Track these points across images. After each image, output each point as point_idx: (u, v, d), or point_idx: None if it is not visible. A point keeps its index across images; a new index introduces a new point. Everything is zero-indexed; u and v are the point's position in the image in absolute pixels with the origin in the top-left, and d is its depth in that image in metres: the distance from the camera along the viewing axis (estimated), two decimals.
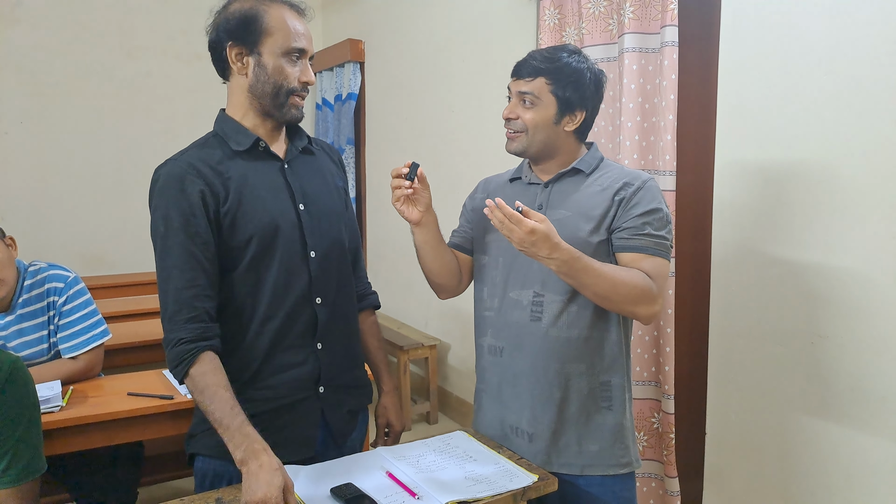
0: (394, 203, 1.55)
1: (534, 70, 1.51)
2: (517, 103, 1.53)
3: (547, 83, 1.50)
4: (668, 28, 2.30)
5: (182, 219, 1.39)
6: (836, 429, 1.97)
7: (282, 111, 1.47)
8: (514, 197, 1.61)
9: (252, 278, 1.46)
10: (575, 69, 1.50)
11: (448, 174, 3.90)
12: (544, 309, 1.51)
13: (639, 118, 2.46)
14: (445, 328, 4.10)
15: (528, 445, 1.54)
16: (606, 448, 1.52)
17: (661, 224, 1.48)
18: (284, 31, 1.43)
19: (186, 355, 1.36)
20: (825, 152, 1.95)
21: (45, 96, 4.70)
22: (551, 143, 1.54)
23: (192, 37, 5.04)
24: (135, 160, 4.93)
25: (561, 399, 1.51)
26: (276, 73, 1.44)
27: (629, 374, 1.58)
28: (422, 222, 1.56)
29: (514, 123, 1.54)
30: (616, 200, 1.49)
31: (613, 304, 1.44)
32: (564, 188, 1.55)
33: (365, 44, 4.82)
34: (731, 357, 2.25)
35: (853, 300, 1.91)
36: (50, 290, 2.17)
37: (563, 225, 1.47)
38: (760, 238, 2.14)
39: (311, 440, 1.52)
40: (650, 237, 1.46)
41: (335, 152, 1.73)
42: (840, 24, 1.90)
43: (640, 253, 1.46)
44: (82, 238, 4.85)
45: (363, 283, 1.78)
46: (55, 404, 1.92)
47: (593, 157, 1.57)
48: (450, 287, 1.72)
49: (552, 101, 1.50)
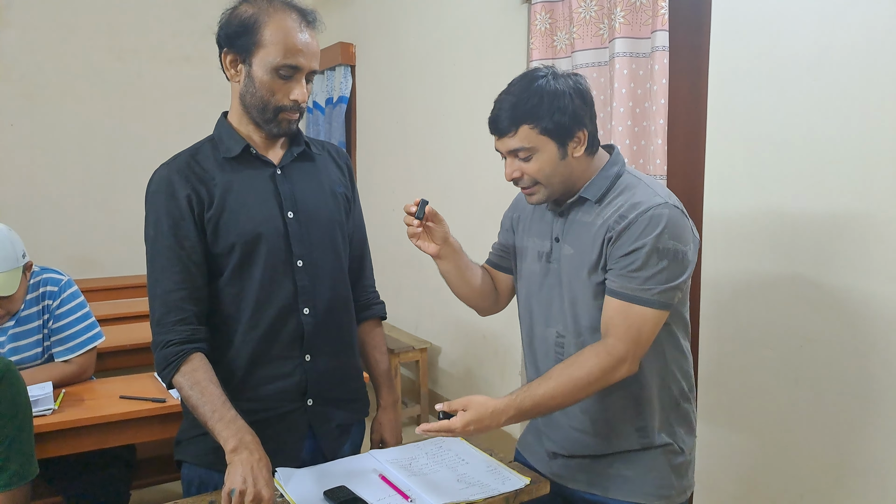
0: (410, 239, 1.50)
1: (511, 121, 1.35)
2: (513, 160, 1.39)
3: (531, 128, 1.34)
4: (659, 33, 2.32)
5: (171, 223, 1.39)
6: (825, 432, 1.99)
7: (269, 126, 1.44)
8: (537, 221, 1.54)
9: (236, 287, 1.44)
10: (552, 93, 1.33)
11: (439, 179, 3.92)
12: (565, 351, 1.44)
13: (629, 122, 2.47)
14: (436, 331, 4.11)
15: (566, 462, 1.50)
16: (639, 476, 1.42)
17: (643, 262, 1.30)
18: (279, 46, 1.37)
19: (175, 357, 1.35)
20: (815, 157, 1.97)
21: (36, 99, 4.69)
22: (570, 177, 1.40)
23: (181, 39, 5.03)
24: (125, 162, 4.93)
25: (592, 437, 1.44)
26: (263, 88, 1.39)
27: (676, 413, 1.45)
28: (441, 254, 1.51)
29: (523, 181, 1.41)
30: (605, 240, 1.35)
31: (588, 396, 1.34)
32: (578, 218, 1.43)
33: (356, 47, 4.83)
34: (721, 361, 2.26)
35: (841, 304, 1.93)
36: (44, 293, 2.16)
37: (570, 264, 1.41)
38: (750, 242, 2.15)
39: (297, 453, 1.50)
40: (621, 279, 1.32)
41: (343, 157, 1.67)
42: (829, 30, 1.92)
43: (616, 299, 1.33)
44: (73, 240, 4.84)
45: (368, 293, 1.72)
46: (47, 406, 1.91)
47: (605, 178, 1.41)
48: (484, 307, 1.67)
49: (546, 141, 1.35)
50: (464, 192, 3.66)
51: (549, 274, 1.48)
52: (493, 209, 1.82)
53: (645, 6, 2.43)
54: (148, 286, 1.42)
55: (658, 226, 1.30)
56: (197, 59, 4.95)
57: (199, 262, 1.41)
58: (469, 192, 3.62)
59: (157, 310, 1.39)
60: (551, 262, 1.47)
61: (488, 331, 3.58)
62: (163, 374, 1.38)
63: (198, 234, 1.41)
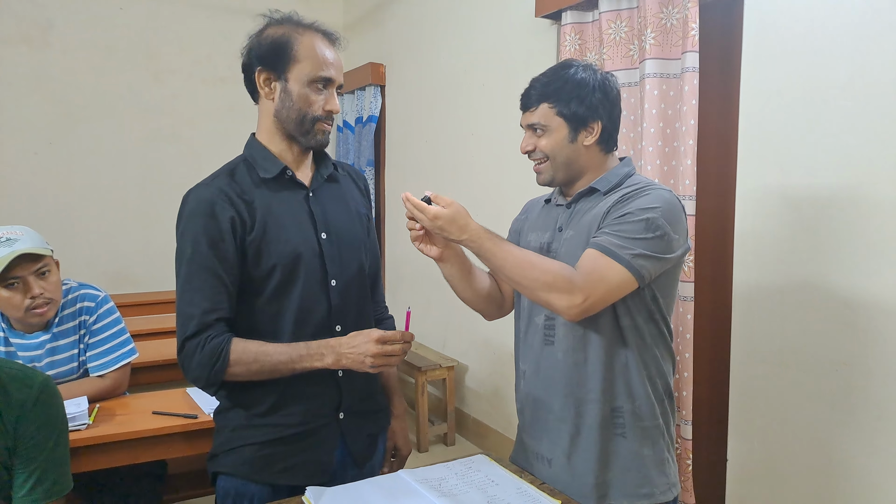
0: (413, 243, 1.54)
1: (535, 98, 1.50)
2: (530, 135, 1.53)
3: (550, 107, 1.48)
4: (689, 54, 2.31)
5: (210, 242, 1.41)
6: (861, 458, 1.95)
7: (307, 137, 1.49)
8: (542, 217, 1.62)
9: (274, 307, 1.48)
10: (576, 82, 1.47)
11: (467, 199, 3.92)
12: (556, 332, 1.50)
13: (660, 143, 2.47)
14: (463, 349, 4.11)
15: (549, 471, 1.53)
16: (618, 476, 1.47)
17: (631, 227, 1.37)
18: (313, 60, 1.45)
19: (220, 347, 1.39)
20: (848, 177, 1.95)
21: (74, 118, 4.81)
22: (574, 162, 1.50)
23: (216, 60, 5.15)
24: (160, 180, 5.02)
25: (574, 425, 1.48)
26: (301, 101, 1.46)
27: (657, 402, 1.50)
28: (443, 257, 1.55)
29: (534, 154, 1.53)
30: (604, 212, 1.44)
31: (526, 290, 1.41)
32: (583, 207, 1.52)
33: (386, 67, 4.88)
34: (754, 384, 2.23)
35: (877, 327, 1.90)
36: (82, 308, 2.21)
37: (568, 244, 1.48)
38: (783, 264, 2.13)
39: (327, 465, 1.53)
40: (605, 235, 1.38)
41: (361, 179, 1.74)
42: (863, 49, 1.91)
43: (591, 248, 1.39)
44: (109, 256, 4.93)
45: (380, 308, 1.79)
46: (82, 422, 1.95)
47: (616, 175, 1.51)
48: (490, 311, 1.71)
49: (560, 122, 1.48)
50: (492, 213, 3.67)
51: None
52: None
53: (675, 27, 2.43)
54: (178, 303, 1.44)
55: (657, 203, 1.39)
56: (231, 80, 5.04)
57: (234, 282, 1.44)
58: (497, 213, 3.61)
59: (190, 328, 1.41)
60: (550, 251, 1.53)
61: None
62: (213, 371, 1.39)
63: (236, 256, 1.43)
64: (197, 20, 5.14)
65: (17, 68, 4.63)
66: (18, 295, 2.04)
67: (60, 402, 1.55)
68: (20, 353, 2.12)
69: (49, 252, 2.09)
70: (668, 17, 2.45)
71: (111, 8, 4.87)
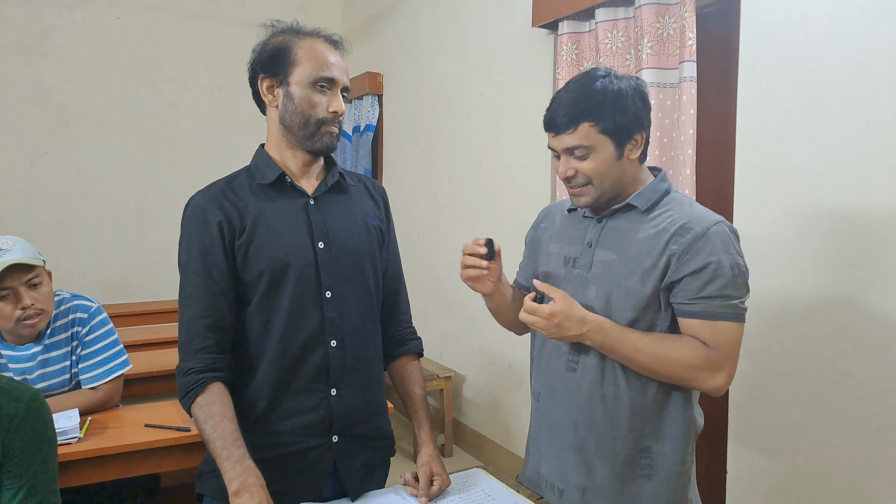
0: (464, 280, 1.46)
1: (571, 119, 1.33)
2: (568, 158, 1.37)
3: (592, 125, 1.32)
4: (687, 63, 2.31)
5: (201, 249, 1.41)
6: (861, 470, 1.93)
7: (312, 140, 1.45)
8: (567, 228, 1.52)
9: (264, 315, 1.44)
10: (615, 93, 1.32)
11: (464, 207, 3.92)
12: (580, 360, 1.41)
13: (657, 152, 2.46)
14: (461, 359, 4.08)
15: (559, 502, 1.45)
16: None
17: (723, 280, 1.29)
18: (313, 61, 1.42)
19: (193, 386, 1.36)
20: (847, 186, 1.94)
21: (71, 127, 4.80)
22: (620, 180, 1.38)
23: (215, 69, 5.14)
24: (157, 190, 5.01)
25: (592, 459, 1.40)
26: (304, 103, 1.43)
27: (685, 443, 1.41)
28: (494, 291, 1.48)
29: (576, 179, 1.38)
30: (669, 251, 1.31)
31: (665, 379, 1.33)
32: (618, 225, 1.40)
33: (383, 77, 4.88)
34: (753, 395, 2.21)
35: (877, 338, 1.88)
36: (74, 320, 2.19)
37: (609, 269, 1.37)
38: (782, 274, 2.11)
39: (318, 491, 1.46)
40: (710, 299, 1.29)
41: (379, 190, 1.66)
42: (861, 59, 1.90)
43: (700, 319, 1.31)
44: (103, 265, 4.90)
45: (403, 328, 1.69)
46: (73, 435, 1.92)
47: (654, 191, 1.39)
48: (523, 329, 1.64)
49: (605, 140, 1.33)
50: (489, 221, 3.66)
51: (572, 280, 1.44)
52: (518, 238, 1.81)
53: (672, 37, 2.42)
54: (178, 312, 1.45)
55: (727, 242, 1.32)
56: (229, 89, 5.04)
57: (225, 289, 1.42)
58: (494, 222, 3.61)
59: (182, 336, 1.41)
60: (577, 267, 1.44)
61: (514, 360, 3.55)
62: (182, 401, 1.39)
63: (227, 262, 1.42)
64: (194, 29, 5.13)
65: (14, 78, 4.61)
66: (9, 306, 2.02)
67: (49, 416, 1.52)
68: (11, 366, 2.10)
69: (41, 262, 2.07)
70: (664, 26, 2.44)
71: (108, 17, 4.86)
